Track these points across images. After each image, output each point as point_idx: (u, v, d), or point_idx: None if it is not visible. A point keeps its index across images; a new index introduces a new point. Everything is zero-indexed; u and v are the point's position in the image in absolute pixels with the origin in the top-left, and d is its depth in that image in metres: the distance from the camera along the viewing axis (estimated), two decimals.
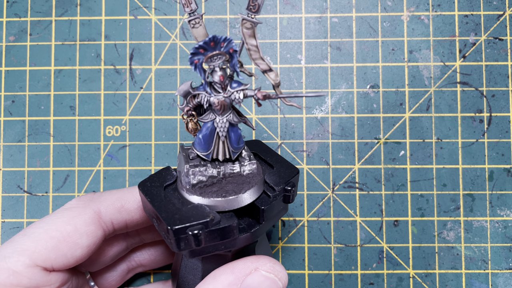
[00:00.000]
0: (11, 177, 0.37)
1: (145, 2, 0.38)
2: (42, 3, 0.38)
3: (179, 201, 0.24)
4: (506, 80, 0.37)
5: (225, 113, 0.24)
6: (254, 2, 0.22)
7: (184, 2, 0.22)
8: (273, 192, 0.25)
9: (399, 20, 0.37)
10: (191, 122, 0.25)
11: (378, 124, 0.37)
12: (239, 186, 0.24)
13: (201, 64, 0.22)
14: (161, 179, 0.26)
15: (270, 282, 0.24)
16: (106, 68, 0.38)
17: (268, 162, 0.27)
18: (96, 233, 0.26)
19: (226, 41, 0.21)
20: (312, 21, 0.38)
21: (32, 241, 0.25)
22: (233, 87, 0.23)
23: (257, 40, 0.23)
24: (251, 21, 0.22)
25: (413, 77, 0.37)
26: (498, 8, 0.37)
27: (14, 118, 0.38)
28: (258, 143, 0.29)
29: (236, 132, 0.25)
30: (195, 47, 0.21)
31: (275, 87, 0.24)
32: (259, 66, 0.24)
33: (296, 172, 0.26)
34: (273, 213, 0.25)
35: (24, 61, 0.38)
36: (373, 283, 0.36)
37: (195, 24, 0.22)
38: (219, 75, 0.22)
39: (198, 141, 0.24)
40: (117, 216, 0.27)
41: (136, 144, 0.37)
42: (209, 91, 0.23)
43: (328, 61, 0.37)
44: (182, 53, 0.38)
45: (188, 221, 0.21)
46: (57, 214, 0.26)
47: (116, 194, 0.28)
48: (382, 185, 0.36)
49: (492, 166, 0.36)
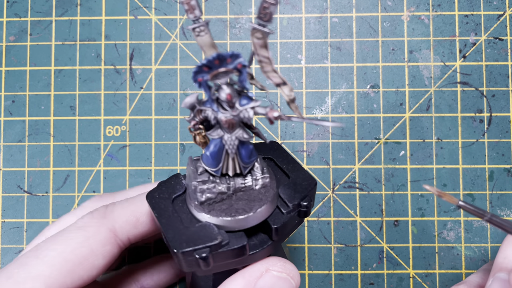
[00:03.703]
0: (11, 177, 0.37)
1: (145, 2, 0.38)
2: (42, 3, 0.38)
3: (187, 216, 0.23)
4: (506, 80, 0.37)
5: (233, 130, 0.22)
6: (266, 11, 0.19)
7: (187, 8, 0.20)
8: (287, 208, 0.23)
9: (399, 20, 0.37)
10: (198, 136, 0.23)
11: (378, 124, 0.37)
12: (250, 204, 0.23)
13: (205, 82, 0.20)
14: (170, 189, 0.24)
15: (283, 282, 0.23)
16: (106, 68, 0.38)
17: (284, 170, 0.25)
18: (112, 252, 0.26)
19: (233, 57, 0.19)
20: (312, 21, 0.38)
21: (47, 265, 0.23)
22: (242, 104, 0.21)
23: (269, 51, 0.20)
24: (263, 30, 0.20)
25: (413, 77, 0.37)
26: (498, 8, 0.37)
27: (14, 118, 0.38)
28: (275, 146, 0.27)
29: (247, 148, 0.22)
30: (198, 66, 0.19)
31: (289, 103, 0.22)
32: (271, 79, 0.21)
33: (313, 184, 0.24)
34: (286, 229, 0.24)
35: (24, 61, 0.38)
36: (373, 283, 0.36)
37: (200, 32, 0.20)
38: (227, 94, 0.20)
39: (206, 157, 0.23)
40: (133, 231, 0.26)
41: (136, 144, 0.37)
42: (216, 108, 0.21)
43: (328, 61, 0.37)
44: (182, 53, 0.38)
45: (195, 244, 0.21)
46: (70, 234, 0.25)
47: (129, 208, 0.26)
48: (382, 185, 0.36)
49: (492, 166, 0.36)
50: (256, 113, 0.21)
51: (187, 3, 0.19)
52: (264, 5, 0.19)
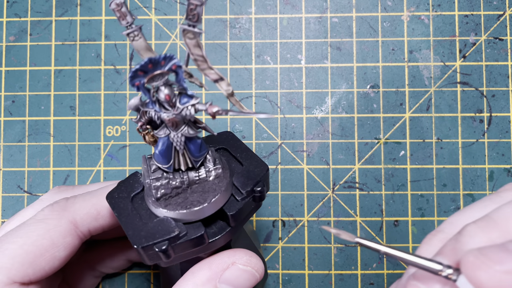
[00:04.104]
0: (11, 177, 0.37)
1: (145, 2, 0.38)
2: (42, 3, 0.38)
3: (146, 213, 0.24)
4: (506, 80, 0.37)
5: (179, 128, 0.22)
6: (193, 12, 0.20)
7: (119, 15, 0.20)
8: (241, 195, 0.24)
9: (399, 20, 0.37)
10: (147, 135, 0.24)
11: (378, 124, 0.37)
12: (204, 195, 0.24)
13: (143, 85, 0.20)
14: (129, 188, 0.25)
15: (247, 275, 0.24)
16: (106, 68, 0.38)
17: (238, 158, 0.26)
18: (73, 244, 0.26)
19: (167, 59, 0.20)
20: (312, 21, 0.38)
21: (8, 258, 0.24)
22: (183, 103, 0.21)
23: (203, 49, 0.21)
24: (192, 31, 0.20)
25: (413, 77, 0.37)
26: (498, 8, 0.37)
27: (14, 118, 0.38)
28: (229, 136, 0.28)
29: (196, 143, 0.23)
30: (133, 71, 0.19)
31: (228, 97, 0.23)
32: (209, 76, 0.22)
33: (265, 169, 0.25)
34: (243, 214, 0.25)
35: (24, 61, 0.38)
36: (373, 283, 0.36)
37: (134, 37, 0.21)
38: (165, 95, 0.21)
39: (157, 156, 0.23)
40: (94, 223, 0.27)
41: (136, 144, 0.37)
42: (158, 109, 0.21)
43: (328, 61, 0.37)
44: (182, 53, 0.38)
45: (154, 238, 0.22)
46: (30, 227, 0.25)
47: (90, 201, 0.27)
48: (382, 185, 0.36)
49: (492, 166, 0.36)
50: (197, 110, 0.22)
51: (118, 11, 0.20)
52: (191, 7, 0.20)
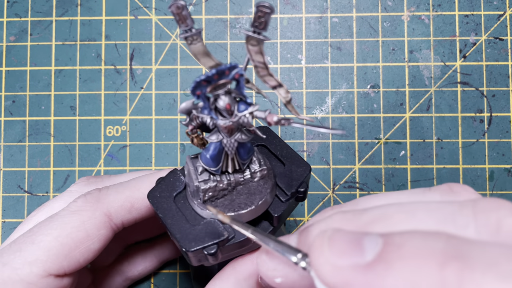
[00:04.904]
0: (12, 177, 0.37)
1: (146, 2, 0.38)
2: (43, 3, 0.38)
3: (191, 213, 0.24)
4: (506, 80, 0.37)
5: (232, 133, 0.22)
6: (261, 19, 0.19)
7: (178, 18, 0.19)
8: (286, 196, 0.24)
9: (399, 20, 0.37)
10: (196, 138, 0.23)
11: (379, 124, 0.37)
12: (251, 198, 0.23)
13: (204, 94, 0.20)
14: (170, 186, 0.25)
15: None
16: (106, 68, 0.38)
17: (278, 157, 0.26)
18: (107, 236, 0.26)
19: (231, 69, 0.19)
20: (312, 21, 0.38)
21: (43, 250, 0.24)
22: (241, 110, 0.21)
23: (265, 56, 0.21)
24: (257, 38, 0.20)
25: (414, 77, 0.37)
26: (499, 8, 0.37)
27: (15, 118, 0.38)
28: (267, 132, 0.27)
29: (245, 146, 0.23)
30: (197, 81, 0.19)
31: (286, 104, 0.23)
32: (267, 83, 0.22)
33: (308, 170, 0.25)
34: (286, 215, 0.25)
35: (24, 61, 0.38)
36: None
37: (193, 41, 0.20)
38: (226, 103, 0.20)
39: (206, 159, 0.23)
40: (128, 216, 0.27)
41: (137, 144, 0.37)
42: (215, 116, 0.21)
43: (328, 61, 0.37)
44: (183, 53, 0.38)
45: (203, 242, 0.22)
46: (64, 218, 0.25)
47: (124, 193, 0.27)
48: (383, 185, 0.36)
49: (493, 166, 0.36)
50: (255, 118, 0.21)
51: (178, 14, 0.19)
52: (259, 14, 0.19)
